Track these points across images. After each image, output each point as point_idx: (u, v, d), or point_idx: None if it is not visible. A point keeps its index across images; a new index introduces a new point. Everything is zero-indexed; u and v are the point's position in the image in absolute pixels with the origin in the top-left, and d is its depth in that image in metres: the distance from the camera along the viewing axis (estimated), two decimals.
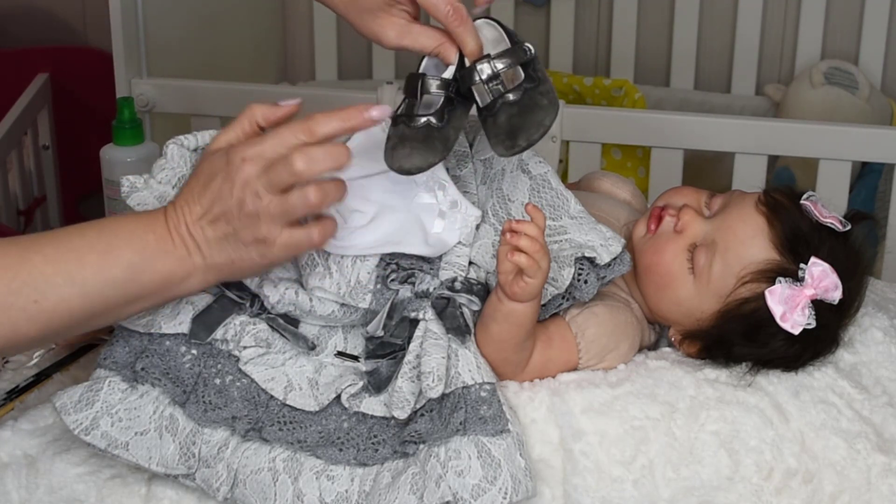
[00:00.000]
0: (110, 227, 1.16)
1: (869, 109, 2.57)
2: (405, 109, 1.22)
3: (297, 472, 1.19)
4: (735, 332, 1.27)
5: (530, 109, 1.20)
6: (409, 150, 1.20)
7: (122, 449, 1.19)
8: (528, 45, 1.22)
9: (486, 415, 1.16)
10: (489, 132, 1.21)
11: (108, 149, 1.85)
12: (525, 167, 1.30)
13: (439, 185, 1.26)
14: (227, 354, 1.23)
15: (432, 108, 1.21)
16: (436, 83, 1.22)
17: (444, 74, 1.22)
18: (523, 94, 1.20)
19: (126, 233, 1.15)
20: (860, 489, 1.22)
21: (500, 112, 1.20)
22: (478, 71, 1.20)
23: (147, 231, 1.16)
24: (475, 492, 1.13)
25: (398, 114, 1.23)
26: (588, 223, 1.27)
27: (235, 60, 2.52)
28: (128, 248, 1.14)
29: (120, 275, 1.14)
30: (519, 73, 1.21)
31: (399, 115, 1.22)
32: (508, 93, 1.20)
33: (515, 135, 1.19)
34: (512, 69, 1.21)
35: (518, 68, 1.21)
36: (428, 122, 1.20)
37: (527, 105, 1.20)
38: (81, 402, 1.20)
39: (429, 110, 1.21)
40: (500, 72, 1.20)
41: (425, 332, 1.20)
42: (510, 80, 1.21)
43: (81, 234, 1.15)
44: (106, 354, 1.23)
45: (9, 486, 1.24)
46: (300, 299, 1.23)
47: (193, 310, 1.23)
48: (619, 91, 2.60)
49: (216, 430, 1.21)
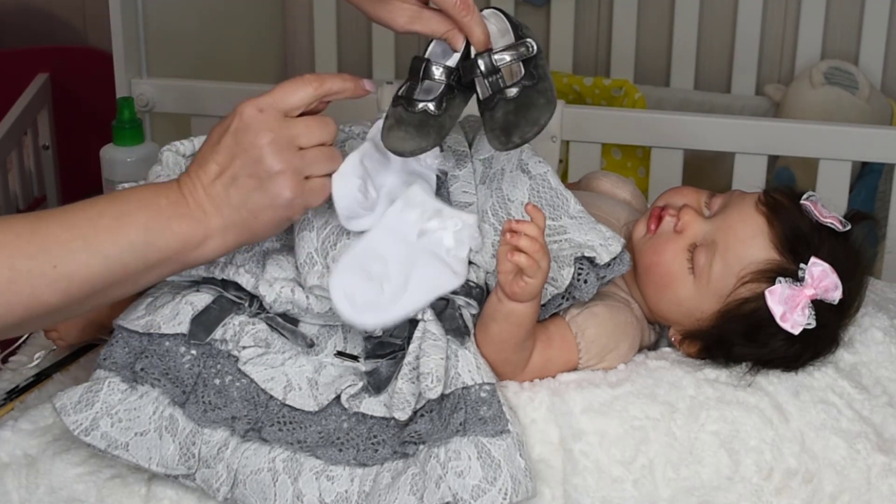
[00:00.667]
0: (121, 196, 1.16)
1: (869, 109, 2.57)
2: (406, 91, 1.23)
3: (297, 473, 1.19)
4: (735, 332, 1.27)
5: (526, 107, 1.20)
6: (403, 133, 1.21)
7: (122, 449, 1.19)
8: (532, 42, 1.22)
9: (486, 415, 1.16)
10: (486, 125, 1.22)
11: (108, 149, 1.86)
12: (525, 167, 1.30)
13: (424, 211, 1.25)
14: (227, 354, 1.23)
15: (432, 94, 1.23)
16: (438, 70, 1.23)
17: (448, 62, 1.23)
18: (521, 91, 1.21)
19: (137, 199, 1.15)
20: (860, 489, 1.22)
21: (497, 107, 1.21)
22: (479, 64, 1.21)
23: (159, 196, 1.15)
24: (475, 492, 1.13)
25: (399, 94, 1.24)
26: (588, 223, 1.27)
27: (235, 60, 2.52)
28: (141, 212, 1.14)
29: (136, 238, 1.13)
30: (519, 69, 1.22)
31: (399, 95, 1.24)
32: (507, 88, 1.21)
33: (510, 131, 1.20)
34: (512, 65, 1.21)
35: (519, 64, 1.21)
36: (425, 109, 1.21)
37: (523, 103, 1.21)
38: (81, 402, 1.20)
39: (428, 96, 1.22)
40: (501, 67, 1.21)
41: (424, 333, 1.20)
42: (510, 75, 1.22)
43: (93, 204, 1.14)
44: (105, 355, 1.23)
45: (9, 486, 1.24)
46: (297, 297, 1.23)
47: (192, 310, 1.23)
48: (619, 91, 2.60)
49: (216, 430, 1.21)
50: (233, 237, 1.17)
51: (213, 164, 1.16)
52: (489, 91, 1.21)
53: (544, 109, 1.21)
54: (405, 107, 1.22)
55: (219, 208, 1.16)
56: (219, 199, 1.16)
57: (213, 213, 1.16)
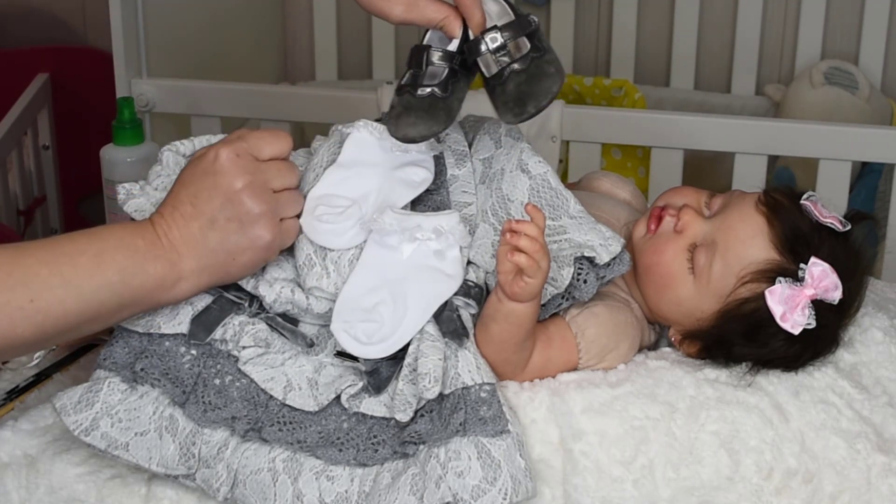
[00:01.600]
0: (100, 234, 1.17)
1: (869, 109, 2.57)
2: (409, 80, 1.25)
3: (297, 473, 1.19)
4: (735, 332, 1.27)
5: (538, 78, 1.23)
6: (413, 118, 1.22)
7: (122, 449, 1.19)
8: (533, 17, 1.25)
9: (486, 415, 1.16)
10: (497, 101, 1.23)
11: (108, 149, 1.85)
12: (525, 167, 1.30)
13: (402, 230, 1.26)
14: (227, 354, 1.23)
15: (436, 79, 1.24)
16: (439, 54, 1.24)
17: (449, 47, 1.25)
18: (530, 62, 1.23)
19: (115, 239, 1.16)
20: (860, 489, 1.22)
21: (508, 81, 1.23)
22: (485, 41, 1.23)
23: (136, 236, 1.17)
24: (475, 492, 1.13)
25: (403, 83, 1.25)
26: (587, 223, 1.27)
27: (235, 60, 2.52)
28: (118, 252, 1.15)
29: (113, 278, 1.14)
30: (525, 42, 1.24)
31: (403, 84, 1.25)
32: (515, 62, 1.23)
33: (525, 102, 1.22)
34: (517, 39, 1.23)
35: (524, 38, 1.23)
36: (433, 93, 1.23)
37: (534, 73, 1.23)
38: (81, 402, 1.20)
39: (433, 81, 1.24)
40: (507, 41, 1.23)
41: (422, 334, 1.20)
42: (517, 49, 1.23)
43: (72, 240, 1.16)
44: (105, 355, 1.23)
45: (9, 486, 1.24)
46: (297, 297, 1.23)
47: (192, 310, 1.23)
48: (619, 91, 2.60)
49: (216, 430, 1.21)
50: (206, 279, 1.19)
51: (189, 205, 1.18)
52: (497, 67, 1.23)
53: (555, 78, 1.24)
54: (412, 93, 1.23)
55: (194, 250, 1.17)
56: (194, 241, 1.17)
57: (188, 256, 1.17)
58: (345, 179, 1.26)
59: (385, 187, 1.26)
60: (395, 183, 1.27)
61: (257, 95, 2.17)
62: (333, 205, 1.24)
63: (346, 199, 1.25)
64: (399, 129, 1.23)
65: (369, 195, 1.26)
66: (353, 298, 1.22)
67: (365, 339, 1.20)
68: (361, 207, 1.25)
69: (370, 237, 1.24)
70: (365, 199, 1.25)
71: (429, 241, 1.24)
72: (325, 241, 1.23)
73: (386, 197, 1.26)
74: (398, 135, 1.23)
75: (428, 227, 1.24)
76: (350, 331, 1.20)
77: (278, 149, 1.22)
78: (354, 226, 1.24)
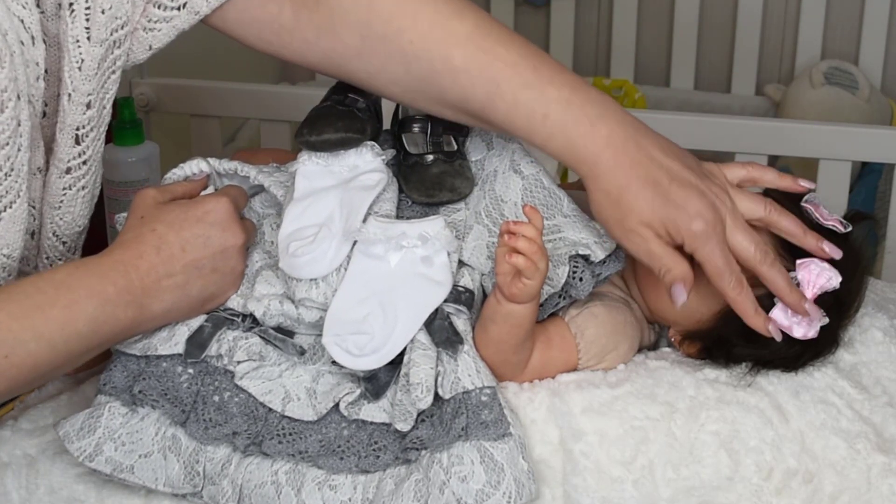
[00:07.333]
0: (66, 283, 1.16)
1: (869, 109, 2.57)
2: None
3: (300, 484, 1.19)
4: (735, 332, 1.27)
5: (459, 174, 1.30)
6: (331, 120, 1.31)
7: (127, 472, 1.19)
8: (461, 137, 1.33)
9: (488, 419, 1.16)
10: (412, 176, 1.30)
11: (108, 149, 1.85)
12: (517, 168, 1.30)
13: (389, 240, 1.26)
14: (223, 371, 1.23)
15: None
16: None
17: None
18: (456, 158, 1.31)
19: (85, 288, 1.16)
20: (860, 489, 1.22)
21: (434, 164, 1.30)
22: (425, 126, 1.31)
23: (106, 283, 1.17)
24: (479, 497, 1.13)
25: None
26: (581, 221, 1.27)
27: (235, 60, 2.51)
28: (89, 301, 1.15)
29: (83, 328, 1.15)
30: (453, 142, 1.32)
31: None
32: (446, 152, 1.31)
33: (441, 188, 1.29)
34: (451, 137, 1.32)
35: (452, 139, 1.32)
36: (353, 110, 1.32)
37: (457, 169, 1.30)
38: (84, 429, 1.20)
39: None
40: (443, 135, 1.31)
41: (414, 343, 1.20)
42: (448, 143, 1.31)
43: (41, 290, 1.14)
44: (105, 380, 1.23)
45: (9, 486, 1.24)
46: (286, 308, 1.23)
47: (188, 330, 1.24)
48: (619, 91, 2.61)
49: (218, 447, 1.21)
50: (174, 317, 1.23)
51: (179, 249, 1.20)
52: (428, 149, 1.31)
53: (469, 183, 1.30)
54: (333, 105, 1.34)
55: (171, 294, 1.20)
56: (175, 286, 1.20)
57: (162, 300, 1.20)
58: (305, 210, 1.27)
59: (345, 200, 1.27)
60: (352, 193, 1.28)
61: (257, 95, 2.17)
62: (303, 237, 1.24)
63: (313, 226, 1.25)
64: (314, 130, 1.29)
65: (333, 214, 1.26)
66: (343, 311, 1.22)
67: (357, 352, 1.20)
68: (331, 228, 1.25)
69: (356, 248, 1.24)
70: (331, 220, 1.26)
71: (415, 249, 1.24)
72: (309, 273, 1.23)
73: (350, 208, 1.26)
74: (313, 141, 1.29)
75: (413, 234, 1.24)
76: (341, 343, 1.20)
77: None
78: (331, 247, 1.24)
